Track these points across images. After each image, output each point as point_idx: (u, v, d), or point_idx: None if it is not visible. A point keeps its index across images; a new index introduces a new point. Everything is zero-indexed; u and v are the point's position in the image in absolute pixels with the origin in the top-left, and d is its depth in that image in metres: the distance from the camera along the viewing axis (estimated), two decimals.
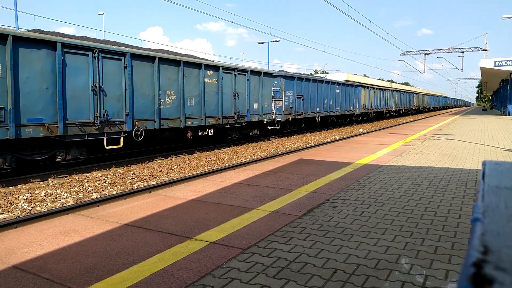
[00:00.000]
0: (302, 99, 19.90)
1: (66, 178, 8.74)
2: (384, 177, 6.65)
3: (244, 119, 15.17)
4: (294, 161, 8.63)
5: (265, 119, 16.60)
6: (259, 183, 6.32)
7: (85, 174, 9.13)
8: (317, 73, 62.96)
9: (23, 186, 7.87)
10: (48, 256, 3.43)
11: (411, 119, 34.52)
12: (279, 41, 55.05)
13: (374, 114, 32.60)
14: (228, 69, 14.33)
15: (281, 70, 19.59)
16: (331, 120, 25.09)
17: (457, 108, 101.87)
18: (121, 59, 10.18)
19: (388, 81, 60.35)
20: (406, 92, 41.42)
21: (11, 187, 7.75)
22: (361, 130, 22.51)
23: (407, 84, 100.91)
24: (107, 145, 9.92)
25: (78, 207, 5.35)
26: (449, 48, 52.45)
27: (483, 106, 75.03)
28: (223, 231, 3.97)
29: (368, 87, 30.81)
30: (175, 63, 11.94)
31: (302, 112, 19.94)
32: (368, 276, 2.91)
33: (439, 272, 2.97)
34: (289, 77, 18.98)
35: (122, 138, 10.29)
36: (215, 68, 13.66)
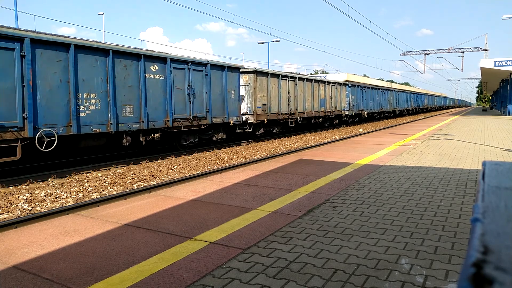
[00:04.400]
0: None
1: (66, 178, 8.73)
2: (384, 177, 6.65)
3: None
4: (294, 161, 8.63)
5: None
6: (259, 183, 6.32)
7: (85, 174, 9.12)
8: (317, 73, 62.93)
9: (23, 186, 7.87)
10: (48, 256, 3.43)
11: (412, 119, 34.52)
12: (279, 41, 55.07)
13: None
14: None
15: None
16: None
17: (456, 109, 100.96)
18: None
19: (388, 81, 60.26)
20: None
21: (11, 187, 7.75)
22: (361, 130, 22.51)
23: (407, 84, 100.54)
24: None
25: (78, 207, 5.34)
26: (449, 48, 52.47)
27: (483, 106, 74.99)
28: (223, 231, 3.97)
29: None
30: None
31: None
32: (368, 276, 2.91)
33: (439, 272, 2.97)
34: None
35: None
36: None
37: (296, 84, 19.26)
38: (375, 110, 32.47)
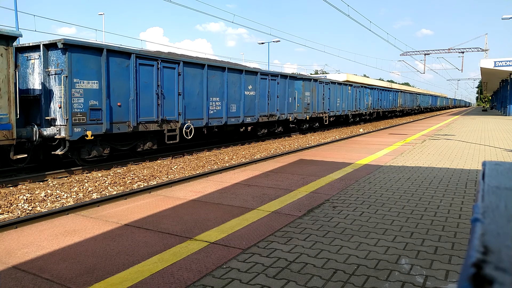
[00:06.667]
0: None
1: (66, 178, 8.73)
2: (384, 177, 6.65)
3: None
4: (294, 161, 8.63)
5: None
6: (259, 184, 6.32)
7: (85, 174, 9.12)
8: (317, 73, 62.93)
9: (23, 186, 7.87)
10: (48, 256, 3.43)
11: (412, 119, 34.52)
12: (279, 41, 55.02)
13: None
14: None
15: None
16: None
17: (456, 109, 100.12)
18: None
19: (388, 81, 60.23)
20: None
21: (11, 187, 7.75)
22: (361, 130, 22.51)
23: (407, 84, 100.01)
24: None
25: (78, 207, 5.35)
26: (449, 48, 52.48)
27: (483, 107, 75.02)
28: (223, 232, 3.97)
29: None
30: None
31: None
32: (368, 277, 2.91)
33: (439, 272, 2.97)
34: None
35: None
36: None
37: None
38: (235, 122, 14.33)
